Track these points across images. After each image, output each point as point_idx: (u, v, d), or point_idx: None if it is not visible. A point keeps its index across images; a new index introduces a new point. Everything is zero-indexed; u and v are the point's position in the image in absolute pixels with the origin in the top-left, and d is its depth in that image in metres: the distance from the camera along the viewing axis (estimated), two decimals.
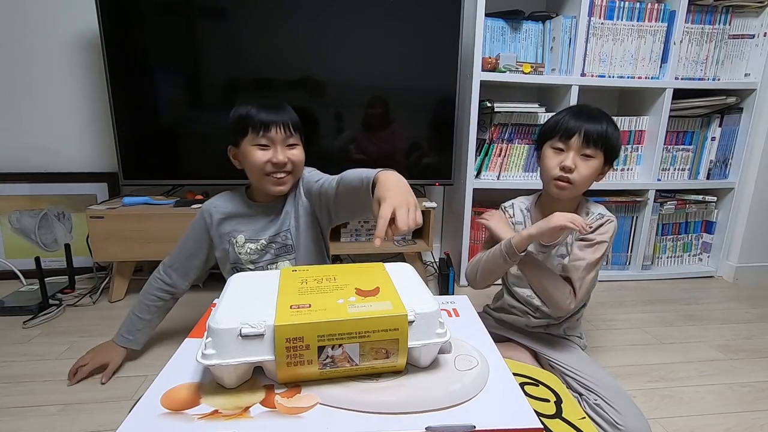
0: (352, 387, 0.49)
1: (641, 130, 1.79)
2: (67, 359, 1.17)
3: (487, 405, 0.47)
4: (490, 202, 1.71)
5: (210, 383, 0.50)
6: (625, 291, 1.77)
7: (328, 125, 1.63)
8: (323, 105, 1.60)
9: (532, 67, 1.64)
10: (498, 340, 0.93)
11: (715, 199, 1.88)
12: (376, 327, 0.48)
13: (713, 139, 1.83)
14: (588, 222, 0.96)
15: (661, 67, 1.72)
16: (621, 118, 1.76)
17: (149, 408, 0.46)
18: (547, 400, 0.75)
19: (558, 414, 0.71)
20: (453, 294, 1.36)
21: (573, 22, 1.62)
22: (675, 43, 1.67)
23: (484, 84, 1.61)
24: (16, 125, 1.70)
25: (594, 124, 0.94)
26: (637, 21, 1.66)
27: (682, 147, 1.82)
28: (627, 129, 1.78)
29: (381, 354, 0.49)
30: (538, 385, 0.78)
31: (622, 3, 1.64)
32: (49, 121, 1.71)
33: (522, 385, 0.73)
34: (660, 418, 1.00)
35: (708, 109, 1.79)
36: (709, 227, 1.95)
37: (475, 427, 0.43)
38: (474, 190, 1.70)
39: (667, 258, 1.96)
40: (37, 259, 1.45)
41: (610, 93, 1.96)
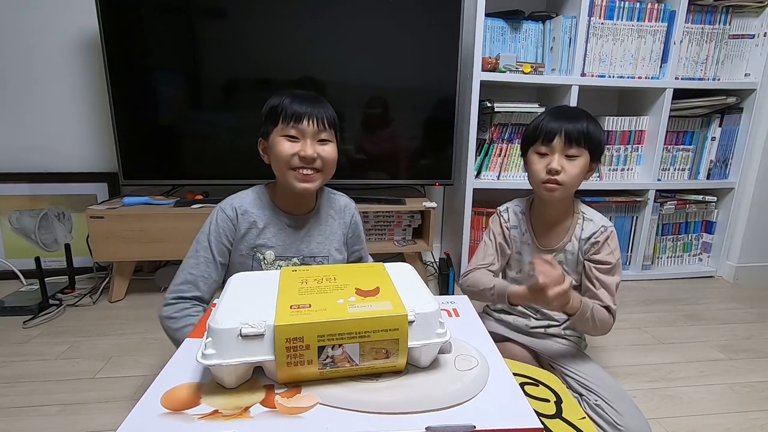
0: (352, 387, 0.49)
1: (641, 130, 1.79)
2: (67, 359, 1.17)
3: (487, 405, 0.47)
4: (490, 202, 1.71)
5: (210, 383, 0.50)
6: (625, 291, 1.76)
7: None
8: None
9: (532, 67, 1.64)
10: (498, 340, 0.93)
11: (715, 199, 1.88)
12: (376, 327, 0.48)
13: (713, 139, 1.83)
14: (591, 234, 0.98)
15: (661, 67, 1.72)
16: (621, 118, 1.76)
17: (149, 408, 0.45)
18: (547, 400, 0.74)
19: (558, 414, 0.71)
20: (453, 294, 1.36)
21: (573, 22, 1.62)
22: (675, 43, 1.67)
23: (484, 84, 1.61)
24: (16, 125, 1.70)
25: (574, 124, 0.93)
26: (637, 21, 1.66)
27: (682, 147, 1.82)
28: (627, 129, 1.78)
29: (381, 354, 0.49)
30: (538, 385, 0.78)
31: (622, 3, 1.64)
32: (49, 121, 1.71)
33: (522, 385, 0.73)
34: (660, 418, 1.00)
35: (708, 109, 1.78)
36: (709, 227, 1.95)
37: (475, 427, 0.43)
38: (474, 190, 1.70)
39: (667, 258, 1.96)
40: (37, 259, 1.45)
41: (610, 93, 1.96)
